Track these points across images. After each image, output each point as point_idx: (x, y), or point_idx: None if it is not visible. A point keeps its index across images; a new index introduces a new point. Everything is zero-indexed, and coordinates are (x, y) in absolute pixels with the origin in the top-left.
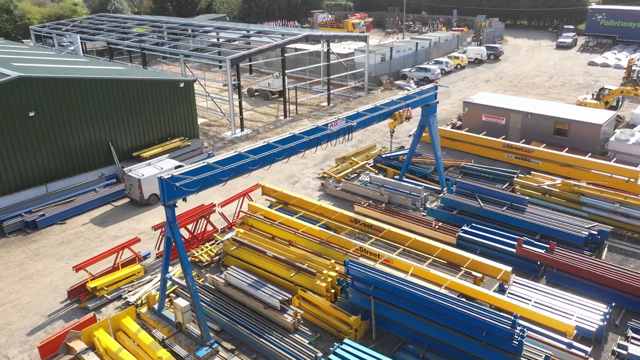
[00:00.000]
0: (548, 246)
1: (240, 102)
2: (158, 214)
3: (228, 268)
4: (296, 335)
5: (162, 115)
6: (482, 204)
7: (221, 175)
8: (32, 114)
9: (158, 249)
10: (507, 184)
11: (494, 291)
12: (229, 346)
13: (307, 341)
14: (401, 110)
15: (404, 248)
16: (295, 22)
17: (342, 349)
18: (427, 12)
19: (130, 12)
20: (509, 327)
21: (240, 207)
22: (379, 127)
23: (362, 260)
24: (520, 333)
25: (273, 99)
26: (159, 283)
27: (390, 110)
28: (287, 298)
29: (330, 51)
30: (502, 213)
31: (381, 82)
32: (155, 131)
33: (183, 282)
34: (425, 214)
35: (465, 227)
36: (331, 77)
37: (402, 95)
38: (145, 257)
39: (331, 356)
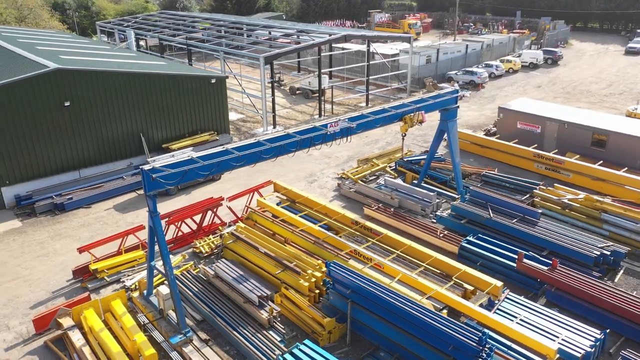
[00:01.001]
0: (551, 263)
1: (273, 100)
2: (176, 204)
3: (219, 261)
4: (270, 332)
5: (193, 109)
6: (492, 214)
7: (201, 170)
8: (67, 103)
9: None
10: (527, 196)
11: (482, 305)
12: (204, 336)
13: (279, 339)
14: (412, 114)
15: (397, 253)
16: (354, 21)
17: (299, 349)
18: (492, 14)
19: (198, 9)
20: (475, 344)
21: (250, 203)
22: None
23: (352, 263)
24: (488, 351)
25: (313, 98)
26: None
27: (397, 114)
28: (265, 294)
29: (374, 51)
30: (511, 225)
31: (425, 84)
32: (186, 124)
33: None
34: (434, 221)
35: (469, 238)
36: (374, 77)
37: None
38: None
39: (286, 355)
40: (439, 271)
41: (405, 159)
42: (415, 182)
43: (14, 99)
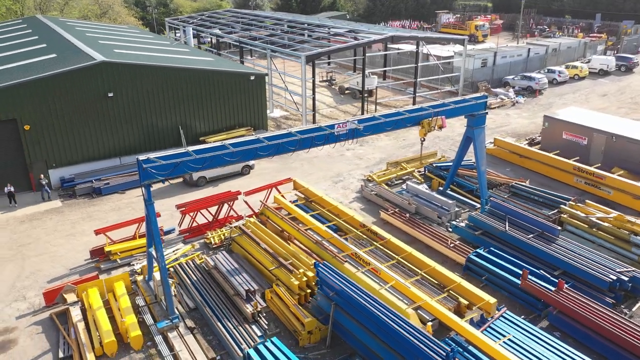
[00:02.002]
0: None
1: (313, 98)
2: (202, 195)
3: (219, 252)
4: (253, 326)
5: (231, 104)
6: (508, 228)
7: (194, 163)
8: (110, 94)
9: (180, 226)
10: (555, 211)
11: (472, 321)
12: (190, 324)
13: (259, 333)
14: (430, 118)
15: (397, 260)
16: (421, 22)
17: (265, 346)
18: (571, 16)
19: (269, 8)
20: (440, 359)
21: (267, 199)
22: (450, 135)
23: (348, 265)
24: None
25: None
26: (166, 255)
27: (411, 118)
28: (252, 289)
29: (428, 53)
30: (526, 241)
31: (478, 88)
32: (225, 119)
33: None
34: (450, 230)
35: (479, 250)
36: (425, 79)
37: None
38: (168, 232)
39: (250, 351)
40: (436, 281)
41: (434, 165)
42: (441, 189)
43: (64, 88)
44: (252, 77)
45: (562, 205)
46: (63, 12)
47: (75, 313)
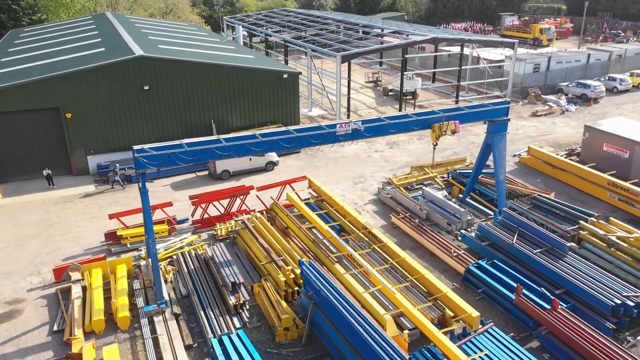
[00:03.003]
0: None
1: (348, 98)
2: (223, 188)
3: (217, 244)
4: (235, 318)
5: (264, 101)
6: (515, 240)
7: (185, 155)
8: (146, 87)
9: (193, 216)
10: (576, 227)
11: (453, 332)
12: (176, 310)
13: (238, 325)
14: (441, 123)
15: (392, 263)
16: (484, 24)
17: (229, 337)
18: None
19: (332, 8)
20: None
21: (280, 196)
22: (477, 140)
23: (337, 266)
24: None
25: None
26: (172, 243)
27: (418, 121)
28: (238, 281)
29: (478, 56)
30: (531, 256)
31: (527, 94)
32: (256, 115)
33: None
34: (460, 239)
35: (481, 262)
36: (473, 83)
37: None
38: (181, 222)
39: (214, 340)
40: (425, 289)
41: (458, 171)
42: (461, 196)
43: (103, 80)
44: (285, 75)
45: (581, 221)
46: (132, 10)
47: (76, 290)
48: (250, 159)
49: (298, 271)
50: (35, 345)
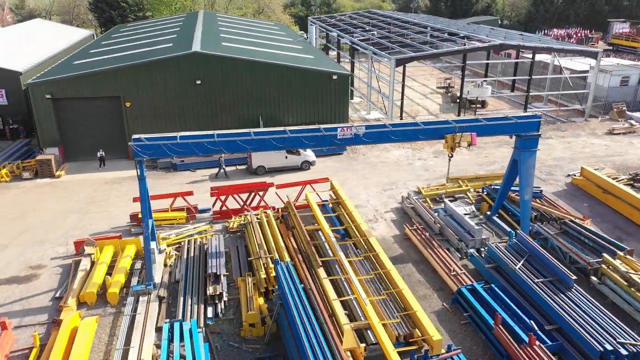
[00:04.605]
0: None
1: (402, 103)
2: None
3: (216, 235)
4: (210, 307)
5: (313, 101)
6: (520, 266)
7: (177, 147)
8: (198, 82)
9: (213, 207)
10: (600, 259)
11: (413, 353)
12: (162, 293)
13: (210, 315)
14: (455, 134)
15: (375, 274)
16: (591, 31)
17: (180, 324)
18: None
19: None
20: None
21: (299, 196)
22: (541, 157)
23: (320, 271)
24: None
25: (471, 108)
26: (185, 230)
27: (425, 130)
28: (219, 272)
29: (559, 65)
30: (531, 285)
31: (611, 109)
32: (305, 114)
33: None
34: (468, 257)
35: (476, 285)
36: (551, 93)
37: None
38: (203, 211)
39: (165, 325)
40: (402, 304)
41: (492, 186)
42: (489, 213)
43: (161, 73)
44: (335, 77)
45: (604, 254)
46: (227, 9)
47: (84, 263)
48: (286, 157)
49: None
50: (36, 308)
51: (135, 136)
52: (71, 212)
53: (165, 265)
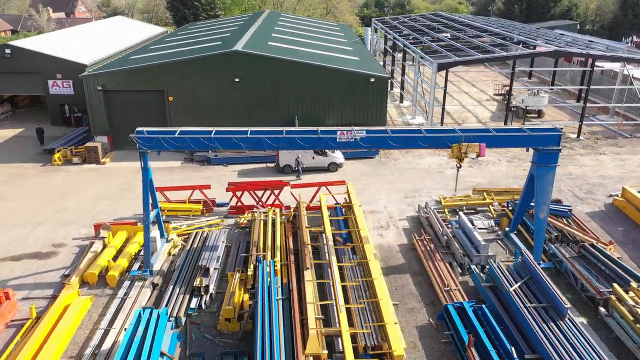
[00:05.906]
0: None
1: (443, 109)
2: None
3: (219, 229)
4: (195, 299)
5: (350, 103)
6: (514, 288)
7: (175, 141)
8: (237, 80)
9: (230, 201)
10: (611, 289)
11: None
12: (156, 281)
13: (193, 306)
14: (461, 143)
15: (362, 281)
16: None
17: (150, 312)
18: None
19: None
20: None
21: (314, 197)
22: (591, 176)
23: (307, 273)
24: None
25: (526, 118)
26: (197, 222)
27: (426, 137)
28: (208, 266)
29: (630, 74)
30: (521, 309)
31: None
32: (341, 116)
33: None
34: (468, 273)
35: (464, 303)
36: (619, 105)
37: None
38: (220, 205)
39: (137, 311)
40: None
41: (516, 201)
42: (507, 229)
43: (202, 70)
44: (372, 79)
45: (615, 284)
46: (294, 10)
47: (95, 246)
48: (313, 157)
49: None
50: (46, 283)
51: (138, 129)
52: (105, 197)
53: (169, 254)
